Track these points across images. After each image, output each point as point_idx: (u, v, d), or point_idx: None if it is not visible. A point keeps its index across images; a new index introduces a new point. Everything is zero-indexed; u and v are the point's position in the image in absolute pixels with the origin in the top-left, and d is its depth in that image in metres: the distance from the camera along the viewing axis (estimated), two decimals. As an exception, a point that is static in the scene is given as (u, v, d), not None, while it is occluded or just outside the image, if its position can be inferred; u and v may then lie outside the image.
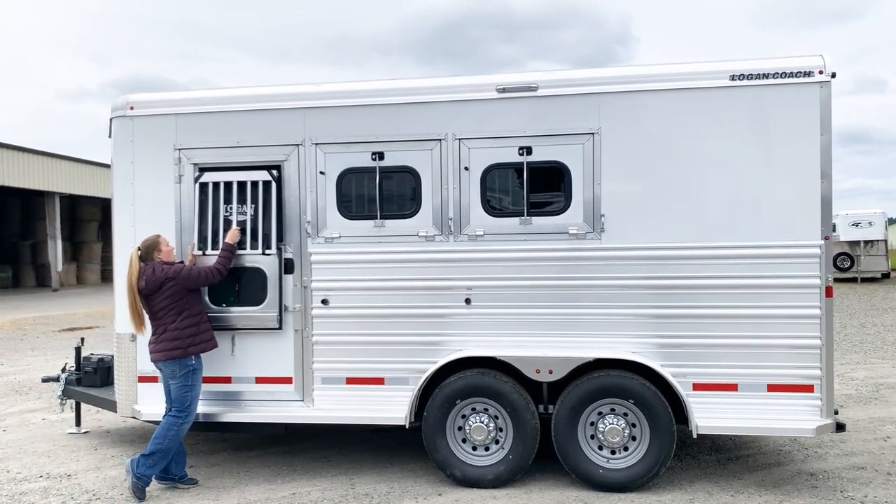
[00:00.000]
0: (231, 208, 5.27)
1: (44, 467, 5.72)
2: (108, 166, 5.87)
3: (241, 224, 5.22)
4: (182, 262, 5.22)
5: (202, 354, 5.05)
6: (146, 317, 5.06)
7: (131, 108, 5.45)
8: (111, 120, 5.56)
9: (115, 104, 5.53)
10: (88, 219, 31.95)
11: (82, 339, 6.91)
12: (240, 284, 5.27)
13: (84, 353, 6.63)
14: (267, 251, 5.21)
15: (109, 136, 5.61)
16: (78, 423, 6.75)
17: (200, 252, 5.26)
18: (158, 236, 5.10)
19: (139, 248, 5.05)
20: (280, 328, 5.24)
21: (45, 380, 6.73)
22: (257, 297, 5.25)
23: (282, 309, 5.24)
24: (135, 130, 5.45)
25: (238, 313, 5.27)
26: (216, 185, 5.30)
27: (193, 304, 5.03)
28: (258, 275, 5.25)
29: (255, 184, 5.27)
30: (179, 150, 5.38)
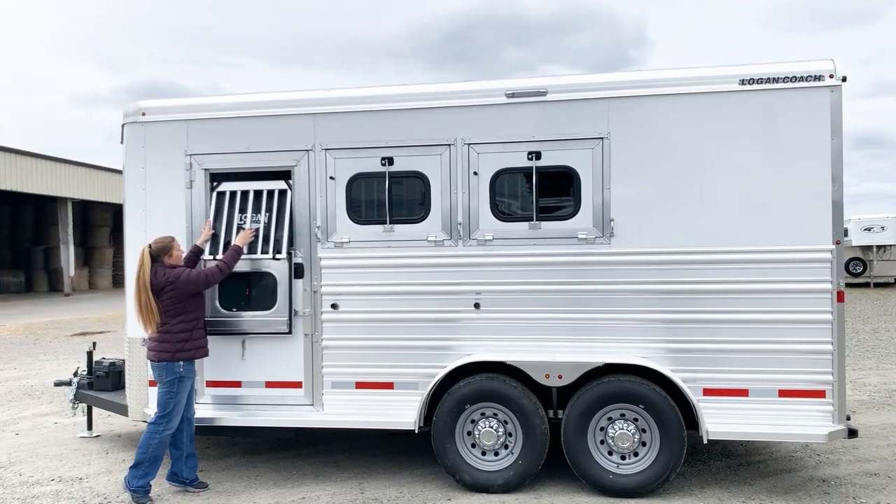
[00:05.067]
0: (245, 216, 5.31)
1: (56, 471, 5.76)
2: (120, 172, 5.92)
3: (255, 231, 5.25)
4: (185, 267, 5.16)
5: (196, 363, 5.04)
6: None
7: (143, 115, 5.50)
8: (123, 126, 5.61)
9: (127, 110, 5.58)
10: (100, 224, 32.22)
11: (94, 344, 6.96)
12: (250, 289, 5.29)
13: (96, 358, 6.68)
14: (277, 255, 5.23)
15: (121, 142, 5.66)
16: (89, 426, 6.80)
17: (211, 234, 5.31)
18: (173, 239, 5.10)
19: (150, 246, 5.05)
20: (290, 332, 5.25)
21: (58, 384, 6.80)
22: (267, 302, 5.27)
23: (291, 313, 5.26)
24: (146, 136, 5.49)
25: (248, 318, 5.29)
26: (233, 193, 5.36)
27: (192, 308, 5.00)
28: (268, 279, 5.27)
29: (270, 192, 5.33)
30: (190, 155, 5.42)
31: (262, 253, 5.24)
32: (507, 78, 5.33)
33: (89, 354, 6.68)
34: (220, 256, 5.22)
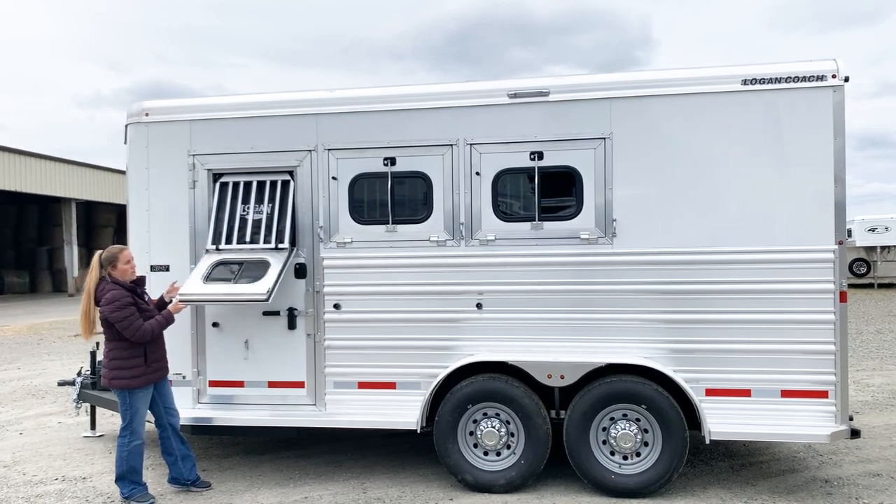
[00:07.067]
0: (248, 207, 5.31)
1: (59, 470, 5.78)
2: (123, 172, 5.94)
3: (256, 224, 5.21)
4: (131, 288, 4.84)
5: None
6: (97, 326, 4.88)
7: (146, 115, 5.52)
8: (126, 126, 5.63)
9: (131, 111, 5.60)
10: (104, 225, 32.29)
11: (97, 344, 6.95)
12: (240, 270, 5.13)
13: (99, 358, 6.68)
14: (280, 245, 5.18)
15: (125, 143, 5.68)
16: (93, 426, 6.82)
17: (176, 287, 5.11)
18: (122, 250, 4.88)
19: (101, 254, 4.89)
20: (269, 301, 4.90)
21: (61, 384, 6.82)
22: (255, 277, 5.00)
23: (275, 286, 4.93)
24: (150, 137, 5.51)
25: (231, 289, 4.99)
26: (236, 184, 5.36)
27: (124, 337, 4.75)
28: (261, 263, 5.11)
29: (273, 183, 5.32)
30: (193, 155, 5.43)
31: (264, 243, 5.24)
32: (510, 78, 5.34)
33: (93, 354, 6.69)
34: (223, 246, 5.16)
